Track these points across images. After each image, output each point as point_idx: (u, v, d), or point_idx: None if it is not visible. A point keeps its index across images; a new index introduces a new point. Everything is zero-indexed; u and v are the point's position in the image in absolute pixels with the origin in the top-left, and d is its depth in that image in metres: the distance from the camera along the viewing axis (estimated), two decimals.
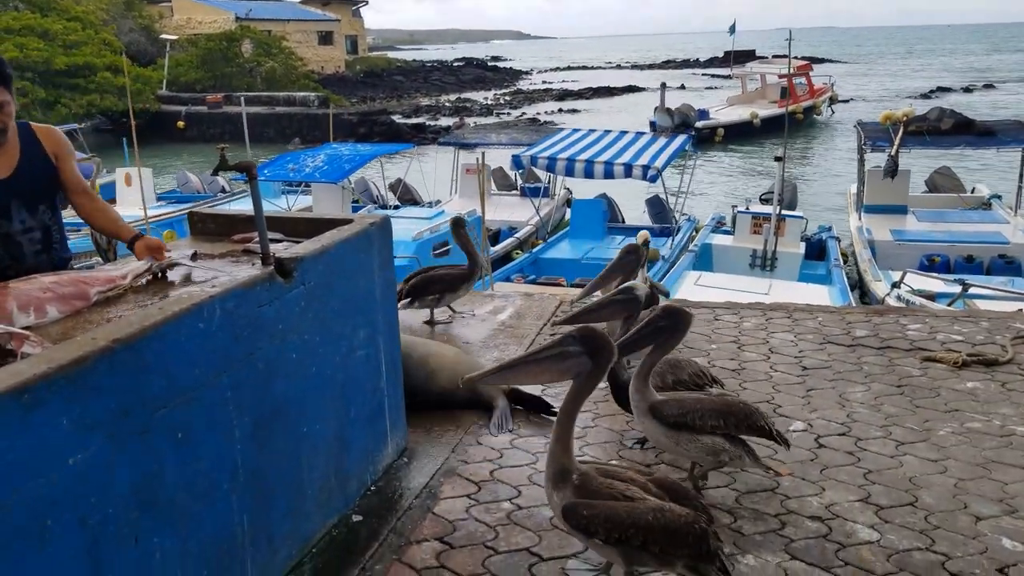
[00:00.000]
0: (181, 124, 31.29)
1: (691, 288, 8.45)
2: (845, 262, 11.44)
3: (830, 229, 12.51)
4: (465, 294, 5.75)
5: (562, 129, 14.31)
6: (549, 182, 13.51)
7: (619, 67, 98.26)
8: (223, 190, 15.66)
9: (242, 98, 22.36)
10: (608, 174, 10.50)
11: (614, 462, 3.64)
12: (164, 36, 37.36)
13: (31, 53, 28.36)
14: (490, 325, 5.71)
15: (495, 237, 13.11)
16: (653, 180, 10.30)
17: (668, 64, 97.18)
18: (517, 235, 12.71)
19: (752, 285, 8.65)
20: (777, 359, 5.03)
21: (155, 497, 2.18)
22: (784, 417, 4.17)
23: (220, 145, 2.86)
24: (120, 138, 33.42)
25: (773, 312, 6.03)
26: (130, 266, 2.86)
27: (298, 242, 3.24)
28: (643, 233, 5.26)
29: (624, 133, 12.52)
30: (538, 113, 47.07)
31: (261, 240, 2.78)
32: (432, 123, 39.06)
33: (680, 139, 12.19)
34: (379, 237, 3.46)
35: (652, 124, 32.98)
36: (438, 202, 14.25)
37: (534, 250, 11.39)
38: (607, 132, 12.56)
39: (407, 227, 11.18)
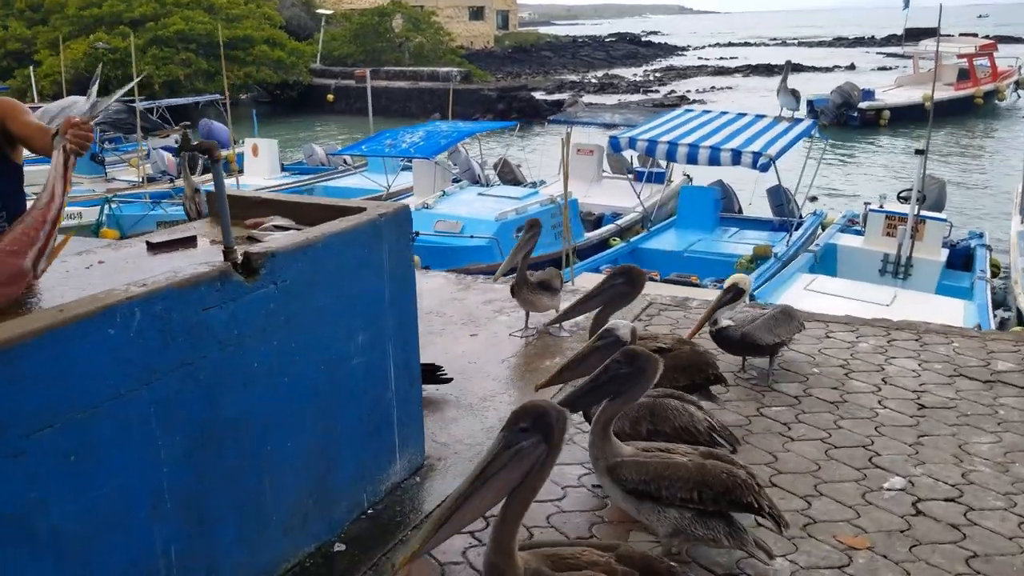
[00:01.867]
0: (330, 97, 32.35)
1: (799, 293, 7.49)
2: (996, 275, 9.94)
3: (981, 236, 10.90)
4: (532, 307, 4.94)
5: (673, 109, 13.38)
6: (668, 167, 12.70)
7: (784, 44, 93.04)
8: (345, 162, 15.87)
9: (368, 73, 22.61)
10: (714, 160, 9.59)
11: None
12: (320, 11, 38.73)
13: (196, 26, 30.07)
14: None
15: (597, 222, 12.48)
16: (764, 169, 9.30)
17: (839, 41, 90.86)
18: (618, 222, 12.01)
19: (873, 294, 7.54)
20: (890, 392, 4.23)
21: (33, 531, 1.87)
22: (880, 469, 3.44)
23: (183, 123, 2.54)
24: (274, 109, 35.13)
25: (898, 332, 5.15)
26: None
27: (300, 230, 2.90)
28: (739, 277, 4.38)
29: (741, 116, 11.45)
30: (688, 91, 45.34)
31: (224, 231, 2.43)
32: (575, 100, 38.41)
33: (803, 125, 10.98)
34: (391, 230, 3.04)
35: (810, 104, 30.75)
36: (542, 183, 13.73)
37: (633, 239, 10.65)
38: (722, 114, 11.52)
39: (492, 206, 10.74)
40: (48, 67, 24.19)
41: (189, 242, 3.03)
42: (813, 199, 17.20)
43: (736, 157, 9.28)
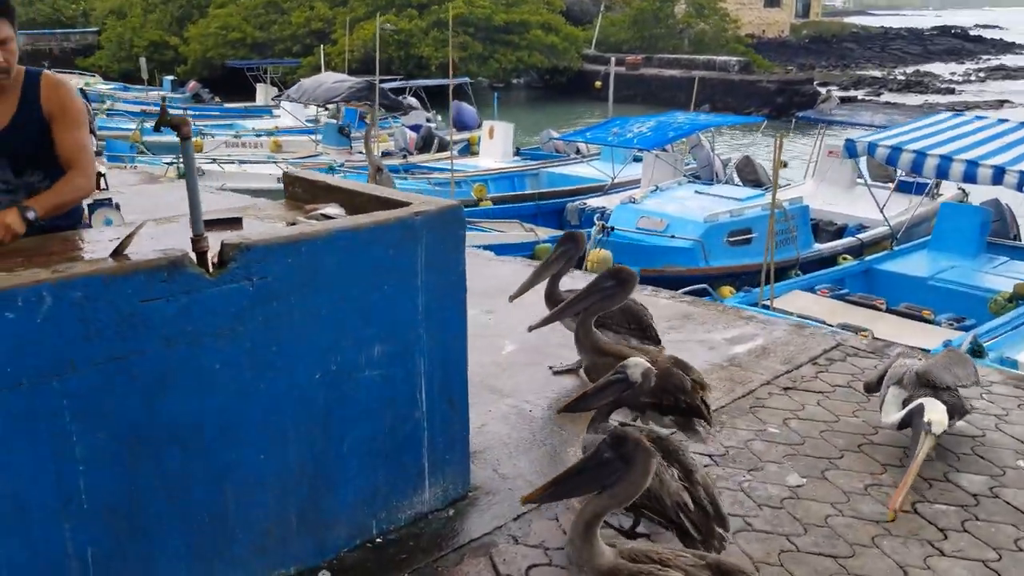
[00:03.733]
0: (598, 84, 32.16)
1: None
2: None
3: None
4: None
5: (938, 112, 11.22)
6: (934, 179, 10.77)
7: None
8: (577, 150, 15.60)
9: (612, 59, 21.97)
10: (969, 176, 7.80)
11: None
12: None
13: (475, 10, 31.41)
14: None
15: (839, 234, 10.98)
16: None
17: None
18: (860, 235, 10.43)
19: None
20: None
21: None
22: None
23: (161, 94, 2.34)
24: (545, 94, 35.78)
25: None
26: None
27: None
28: (941, 419, 3.23)
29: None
30: (1017, 94, 39.14)
31: (193, 217, 2.22)
32: (869, 98, 34.79)
33: None
34: (431, 231, 2.67)
35: None
36: (786, 184, 12.33)
37: (870, 258, 9.11)
38: (1000, 122, 9.36)
39: (703, 205, 9.78)
40: (342, 46, 26.70)
41: (234, 223, 2.89)
42: None
43: (998, 175, 7.51)
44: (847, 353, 4.58)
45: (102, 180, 7.42)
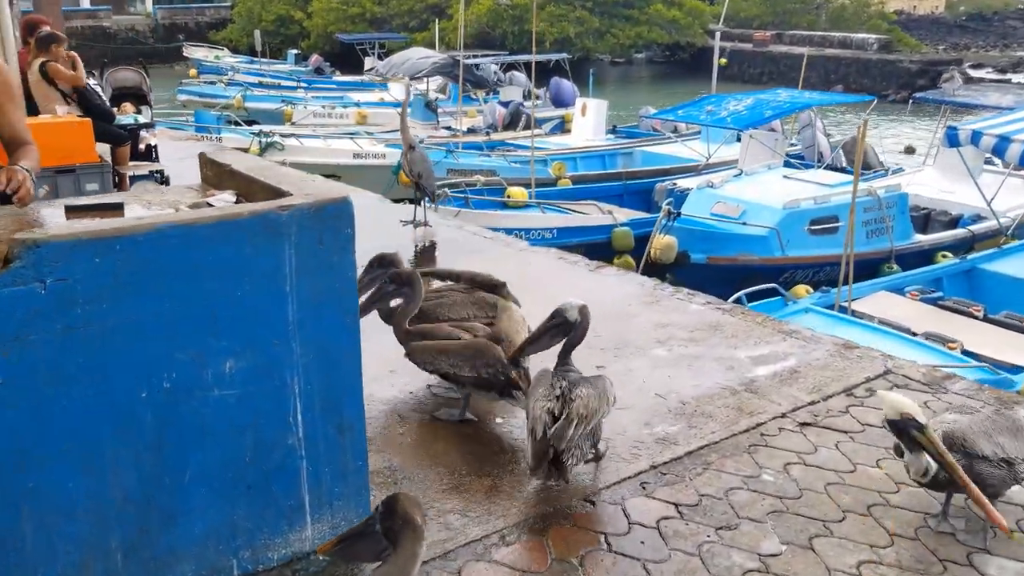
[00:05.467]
0: (723, 61, 30.61)
1: None
2: None
3: None
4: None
5: None
6: None
7: None
8: (674, 130, 14.66)
9: (718, 33, 20.48)
10: None
11: None
12: None
13: None
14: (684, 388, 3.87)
15: (952, 224, 9.78)
16: None
17: None
18: (971, 227, 9.24)
19: None
20: None
21: None
22: None
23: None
24: (668, 70, 34.41)
25: None
26: None
27: None
28: (903, 403, 2.61)
29: None
30: None
31: None
32: None
33: None
34: (305, 229, 2.25)
35: None
36: (899, 171, 11.05)
37: (974, 256, 7.95)
38: None
39: (785, 190, 8.87)
40: (456, 21, 26.50)
41: (114, 209, 2.58)
42: None
43: None
44: (894, 384, 3.84)
45: (153, 152, 7.46)
